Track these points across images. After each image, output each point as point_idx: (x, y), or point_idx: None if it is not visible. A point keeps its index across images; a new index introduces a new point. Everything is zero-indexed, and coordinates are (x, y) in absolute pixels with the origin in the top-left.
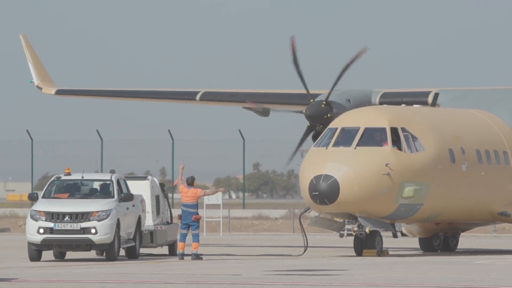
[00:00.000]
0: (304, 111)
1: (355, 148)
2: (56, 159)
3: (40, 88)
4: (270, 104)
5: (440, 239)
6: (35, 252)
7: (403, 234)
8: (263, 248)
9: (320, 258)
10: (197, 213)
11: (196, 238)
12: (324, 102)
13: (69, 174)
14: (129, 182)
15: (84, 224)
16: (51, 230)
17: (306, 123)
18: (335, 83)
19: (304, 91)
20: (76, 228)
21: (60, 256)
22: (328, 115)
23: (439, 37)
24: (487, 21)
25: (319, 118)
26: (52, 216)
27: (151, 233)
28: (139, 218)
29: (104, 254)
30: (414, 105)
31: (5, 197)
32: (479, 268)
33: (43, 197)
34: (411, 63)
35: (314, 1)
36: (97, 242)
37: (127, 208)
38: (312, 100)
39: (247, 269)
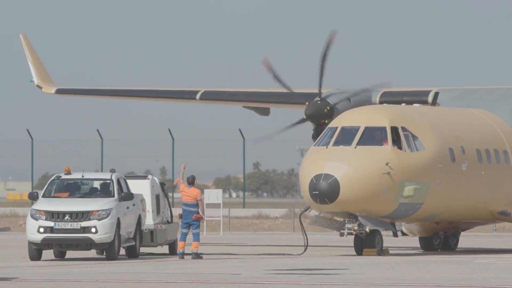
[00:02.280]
0: (304, 113)
1: (355, 147)
2: (56, 158)
3: (40, 88)
4: (269, 104)
5: (440, 238)
6: (35, 251)
7: (403, 233)
8: (263, 247)
9: (320, 257)
10: (197, 212)
11: (196, 237)
12: (318, 98)
13: (69, 173)
14: (129, 181)
15: (84, 223)
16: (51, 229)
17: (307, 124)
18: (321, 76)
19: (314, 90)
20: (76, 227)
21: (60, 256)
22: (328, 108)
23: (439, 37)
24: (487, 20)
25: (317, 119)
26: (52, 215)
27: (151, 232)
28: (139, 217)
29: (104, 254)
30: (414, 105)
31: (5, 196)
32: (480, 267)
33: (43, 196)
34: (411, 62)
35: (314, 1)
36: (97, 241)
37: (127, 207)
38: (318, 99)
39: (247, 268)
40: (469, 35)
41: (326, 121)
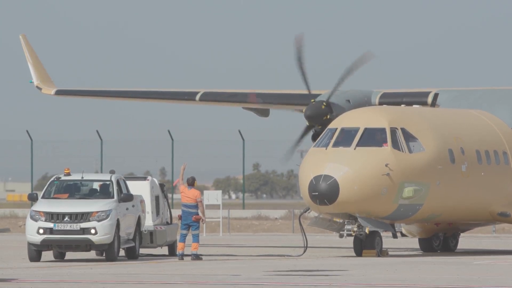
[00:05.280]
0: (303, 111)
1: (354, 149)
2: (56, 159)
3: (39, 89)
4: (270, 105)
5: (440, 240)
6: (35, 252)
7: (402, 235)
8: (263, 248)
9: (320, 258)
10: (197, 213)
11: (196, 238)
12: (324, 103)
13: (69, 174)
14: (128, 183)
15: (84, 225)
16: (50, 231)
17: (305, 123)
18: (337, 86)
19: (305, 91)
20: (75, 229)
21: (59, 257)
22: (328, 117)
23: (439, 37)
24: (487, 21)
25: (319, 119)
26: (52, 217)
27: (151, 233)
28: (139, 218)
29: (104, 255)
30: (414, 106)
31: (5, 197)
32: (479, 268)
33: (43, 197)
34: (411, 63)
35: (315, 1)
36: (97, 243)
37: (127, 209)
38: (312, 100)
39: (247, 269)
40: (469, 35)
41: (328, 117)
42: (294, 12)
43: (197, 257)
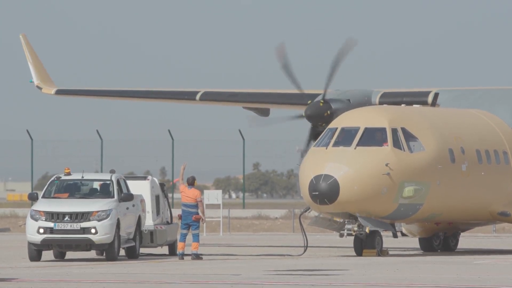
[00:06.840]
0: (304, 113)
1: (355, 148)
2: (56, 159)
3: (40, 88)
4: (269, 104)
5: (440, 239)
6: (35, 252)
7: (403, 234)
8: (263, 248)
9: (320, 258)
10: (197, 213)
11: (196, 238)
12: (321, 101)
13: (69, 174)
14: (129, 182)
15: (84, 224)
16: (51, 230)
17: (305, 124)
18: (329, 80)
19: (300, 93)
20: (76, 228)
21: (60, 256)
22: (328, 112)
23: (439, 37)
24: (487, 20)
25: (320, 117)
26: (52, 216)
27: (151, 233)
28: (139, 218)
29: (104, 254)
30: (414, 105)
31: (5, 197)
32: (479, 268)
33: (43, 197)
34: (411, 63)
35: (315, 1)
36: (97, 242)
37: (127, 208)
38: (309, 101)
39: (247, 269)
40: (469, 35)
41: (324, 125)
42: (294, 13)
43: (197, 256)
